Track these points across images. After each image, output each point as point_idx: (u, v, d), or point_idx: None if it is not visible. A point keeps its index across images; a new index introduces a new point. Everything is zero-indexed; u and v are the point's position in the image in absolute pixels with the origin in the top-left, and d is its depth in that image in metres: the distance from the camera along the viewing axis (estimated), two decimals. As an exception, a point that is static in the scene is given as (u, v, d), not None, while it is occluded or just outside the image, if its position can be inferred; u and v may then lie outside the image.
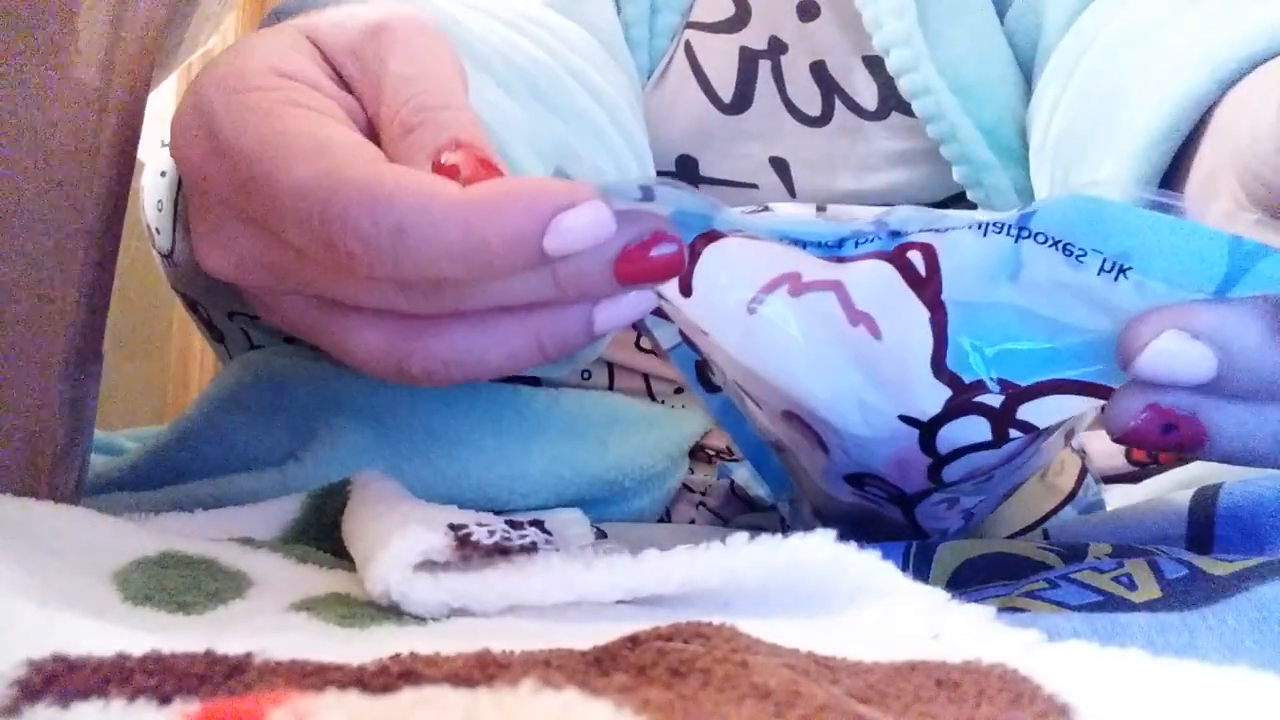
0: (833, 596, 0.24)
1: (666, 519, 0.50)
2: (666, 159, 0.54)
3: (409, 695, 0.16)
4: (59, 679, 0.16)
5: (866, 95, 0.53)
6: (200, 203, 0.28)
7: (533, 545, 0.26)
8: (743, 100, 0.53)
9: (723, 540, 0.24)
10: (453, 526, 0.26)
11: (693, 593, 0.24)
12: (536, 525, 0.36)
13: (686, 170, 0.55)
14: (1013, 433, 0.27)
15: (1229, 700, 0.17)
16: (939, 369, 0.26)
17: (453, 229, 0.23)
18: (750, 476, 0.48)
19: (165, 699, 0.16)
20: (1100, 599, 0.27)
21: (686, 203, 0.27)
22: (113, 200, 0.32)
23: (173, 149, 0.28)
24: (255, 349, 0.54)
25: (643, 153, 0.49)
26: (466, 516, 0.28)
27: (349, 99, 0.29)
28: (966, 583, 0.33)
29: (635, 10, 0.54)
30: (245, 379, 0.45)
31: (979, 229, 0.25)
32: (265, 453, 0.44)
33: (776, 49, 0.54)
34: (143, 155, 0.40)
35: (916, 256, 0.26)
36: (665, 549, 0.24)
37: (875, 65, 0.53)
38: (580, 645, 0.20)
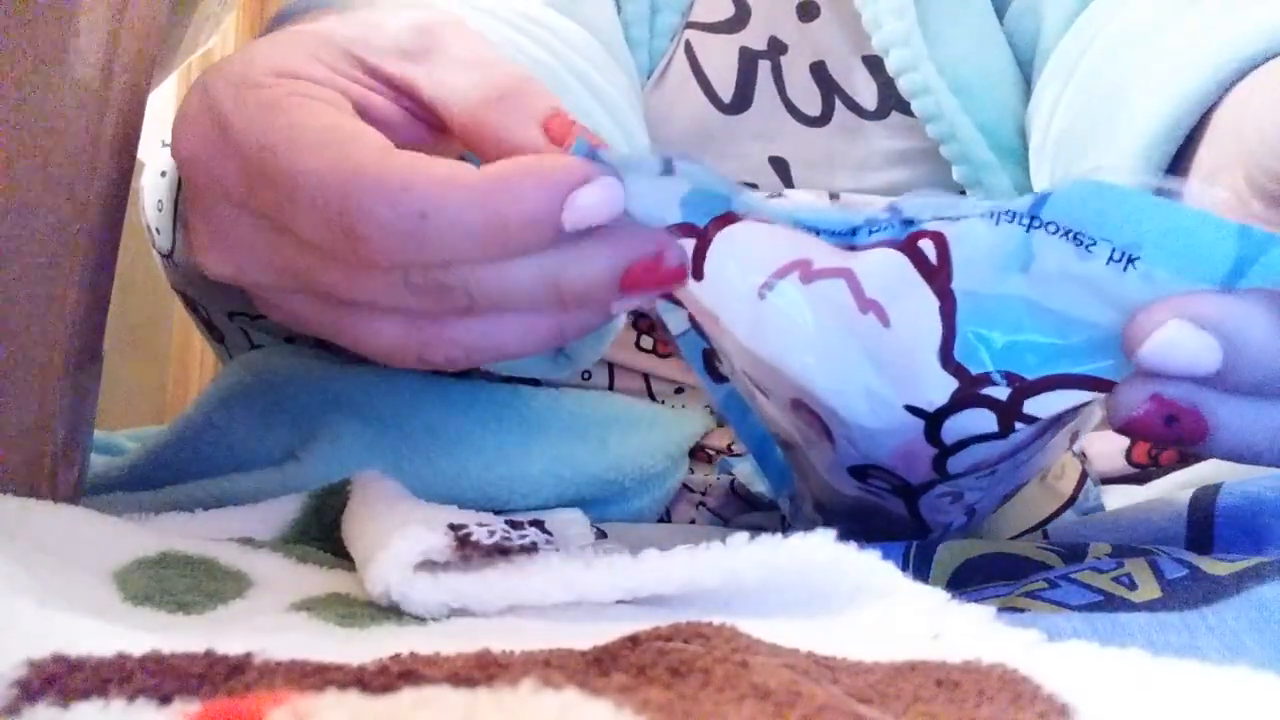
0: (833, 596, 0.24)
1: (666, 519, 0.50)
2: None
3: (409, 695, 0.16)
4: (59, 679, 0.16)
5: (866, 95, 0.53)
6: (203, 204, 0.28)
7: (533, 545, 0.26)
8: (743, 100, 0.53)
9: (723, 540, 0.24)
10: (453, 526, 0.26)
11: (693, 593, 0.24)
12: (536, 525, 0.36)
13: None
14: (1018, 425, 0.27)
15: (1229, 700, 0.17)
16: (947, 359, 0.26)
17: (473, 211, 0.24)
18: (752, 472, 0.48)
19: (165, 699, 0.16)
20: (1100, 599, 0.27)
21: (705, 181, 0.27)
22: (113, 200, 0.32)
23: (177, 150, 0.28)
24: (255, 349, 0.54)
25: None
26: (466, 516, 0.28)
27: (360, 91, 0.29)
28: (966, 583, 0.33)
29: (635, 10, 0.54)
30: (245, 379, 0.45)
31: (991, 218, 0.25)
32: (265, 453, 0.44)
33: (776, 49, 0.54)
34: (143, 155, 0.40)
35: (928, 245, 0.26)
36: (665, 549, 0.24)
37: (875, 65, 0.53)
38: (580, 645, 0.20)
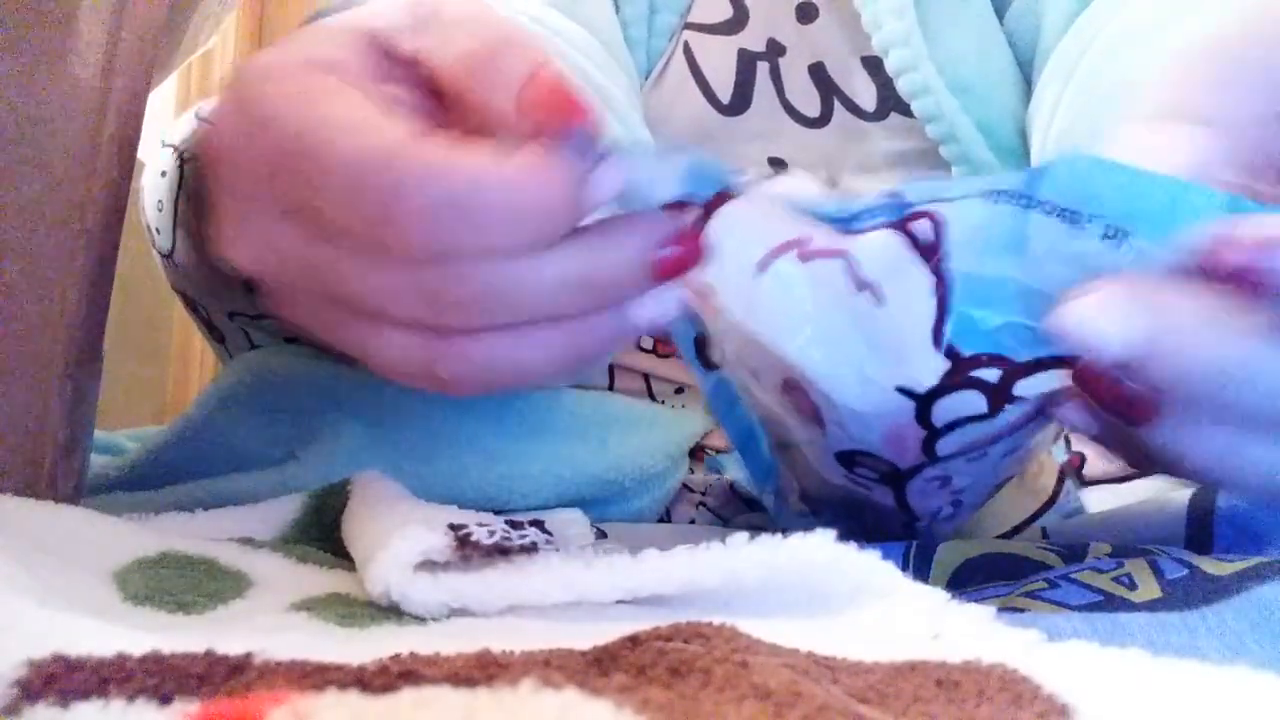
0: (833, 596, 0.24)
1: (666, 519, 0.50)
2: None
3: (409, 695, 0.16)
4: (59, 679, 0.16)
5: (865, 96, 0.53)
6: (232, 198, 0.27)
7: (533, 545, 0.26)
8: (741, 101, 0.53)
9: (723, 540, 0.24)
10: (453, 526, 0.26)
11: (693, 593, 0.24)
12: (536, 525, 0.36)
13: None
14: (1008, 406, 0.27)
15: (1229, 700, 0.17)
16: (939, 340, 0.27)
17: (499, 199, 0.24)
18: (735, 464, 0.48)
19: (165, 699, 0.16)
20: (1100, 599, 0.27)
21: (703, 159, 0.27)
22: (113, 200, 0.32)
23: (207, 145, 0.27)
24: (255, 349, 0.54)
25: None
26: (466, 516, 0.28)
27: (390, 88, 0.29)
28: (966, 583, 0.33)
29: (634, 10, 0.54)
30: (245, 379, 0.45)
31: (989, 197, 0.25)
32: (265, 453, 0.44)
33: (774, 51, 0.54)
34: (143, 155, 0.40)
35: (925, 224, 0.26)
36: (665, 549, 0.24)
37: (874, 66, 0.53)
38: (580, 645, 0.20)
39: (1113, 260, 0.24)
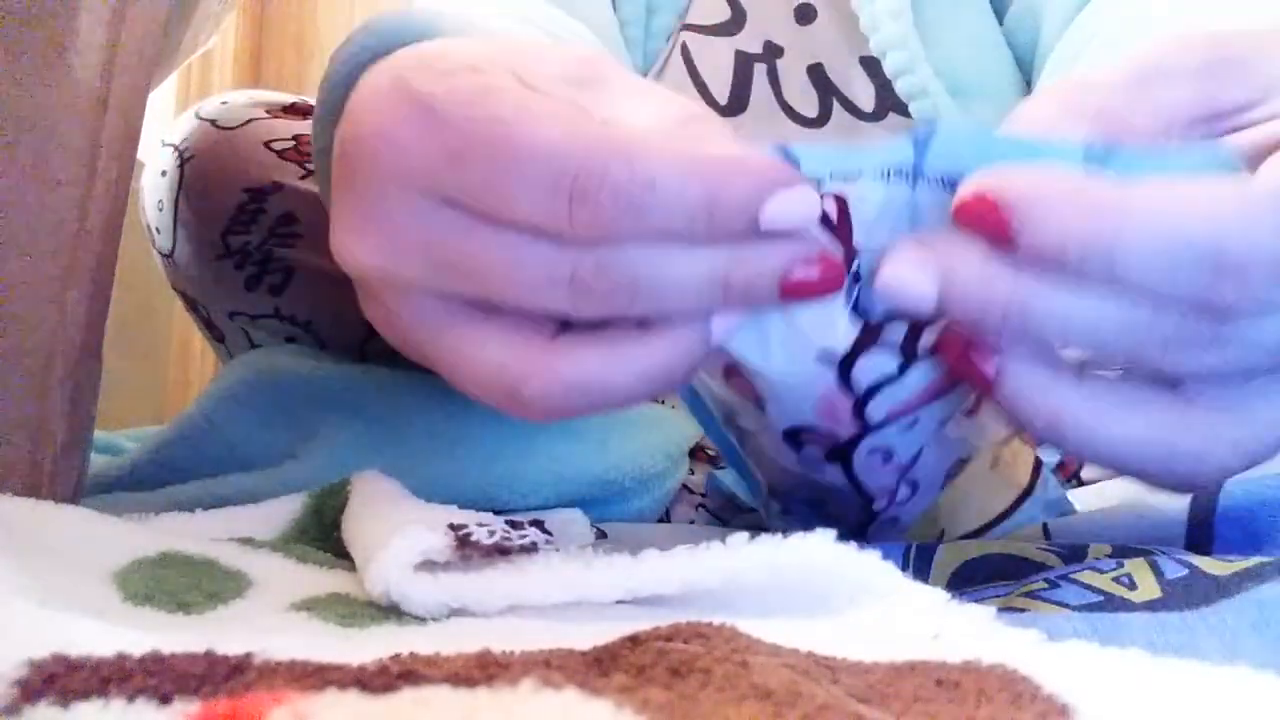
0: (833, 596, 0.24)
1: (666, 520, 0.50)
2: None
3: (409, 695, 0.16)
4: (59, 679, 0.16)
5: (864, 97, 0.53)
6: (366, 187, 0.27)
7: (533, 545, 0.26)
8: (738, 103, 0.54)
9: (723, 540, 0.24)
10: (453, 526, 0.26)
11: (693, 593, 0.24)
12: (536, 525, 0.36)
13: None
14: (917, 359, 0.28)
15: (1229, 700, 0.17)
16: (853, 305, 0.28)
17: (695, 186, 0.24)
18: (734, 481, 0.48)
19: (165, 699, 0.16)
20: (1100, 599, 0.27)
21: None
22: (113, 200, 0.32)
23: (357, 133, 0.27)
24: (255, 349, 0.54)
25: None
26: (466, 516, 0.28)
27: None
28: (966, 583, 0.33)
29: (631, 10, 0.54)
30: (245, 379, 0.45)
31: (883, 177, 0.27)
32: (265, 452, 0.44)
33: (772, 52, 0.54)
34: (143, 155, 0.40)
35: (830, 204, 0.27)
36: (665, 549, 0.24)
37: (873, 66, 0.53)
38: (580, 645, 0.20)
39: None
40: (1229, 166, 0.25)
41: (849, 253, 0.27)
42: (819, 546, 0.23)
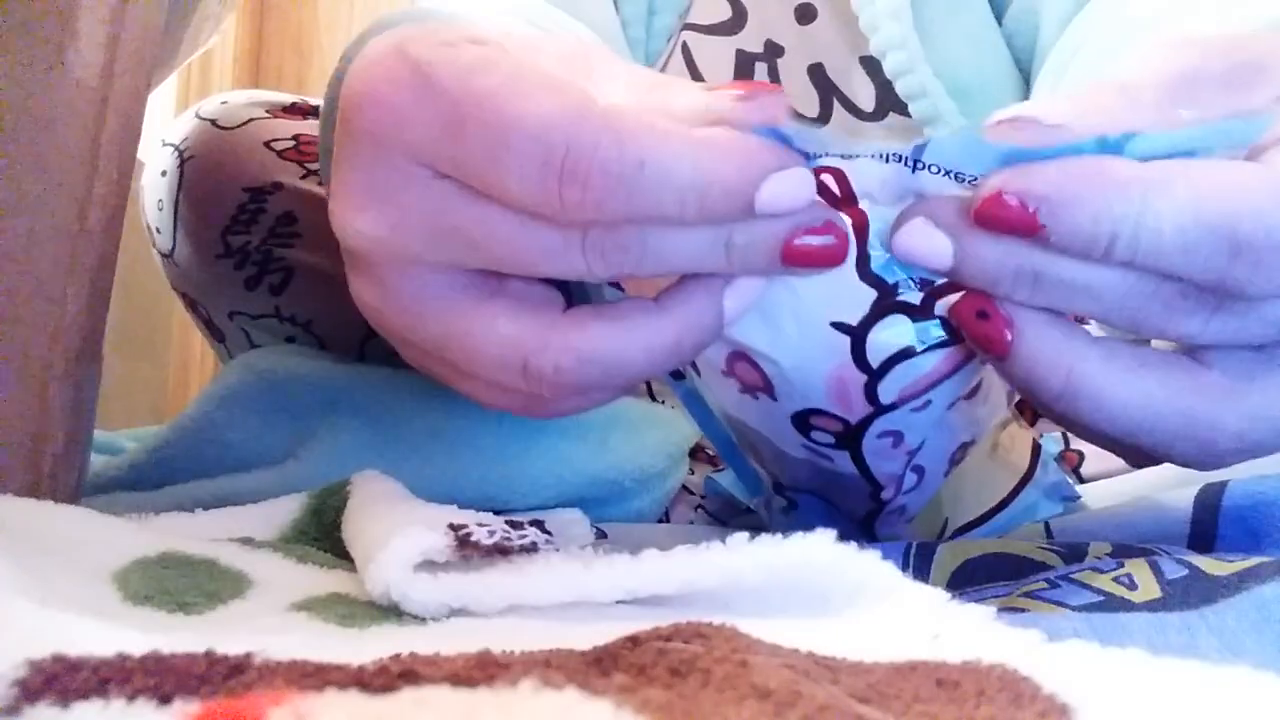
0: (833, 596, 0.24)
1: (666, 520, 0.50)
2: None
3: (409, 695, 0.16)
4: (59, 679, 0.16)
5: (864, 96, 0.53)
6: (370, 160, 0.26)
7: (533, 545, 0.26)
8: None
9: (723, 540, 0.24)
10: (453, 526, 0.26)
11: (693, 593, 0.24)
12: (536, 525, 0.36)
13: None
14: (931, 335, 0.28)
15: (1229, 700, 0.17)
16: (864, 273, 0.28)
17: (686, 167, 0.24)
18: (731, 482, 0.48)
19: (165, 699, 0.16)
20: (1100, 599, 0.27)
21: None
22: (113, 200, 0.32)
23: (358, 105, 0.27)
24: (255, 349, 0.54)
25: None
26: (466, 516, 0.28)
27: None
28: (966, 583, 0.33)
29: (633, 10, 0.54)
30: (245, 379, 0.45)
31: (880, 158, 0.27)
32: (265, 452, 0.44)
33: (772, 52, 0.54)
34: (143, 155, 0.40)
35: (829, 179, 0.27)
36: (665, 549, 0.24)
37: (873, 66, 0.53)
38: (580, 645, 0.20)
39: None
40: (1254, 132, 0.24)
41: (857, 216, 0.27)
42: (819, 546, 0.23)
